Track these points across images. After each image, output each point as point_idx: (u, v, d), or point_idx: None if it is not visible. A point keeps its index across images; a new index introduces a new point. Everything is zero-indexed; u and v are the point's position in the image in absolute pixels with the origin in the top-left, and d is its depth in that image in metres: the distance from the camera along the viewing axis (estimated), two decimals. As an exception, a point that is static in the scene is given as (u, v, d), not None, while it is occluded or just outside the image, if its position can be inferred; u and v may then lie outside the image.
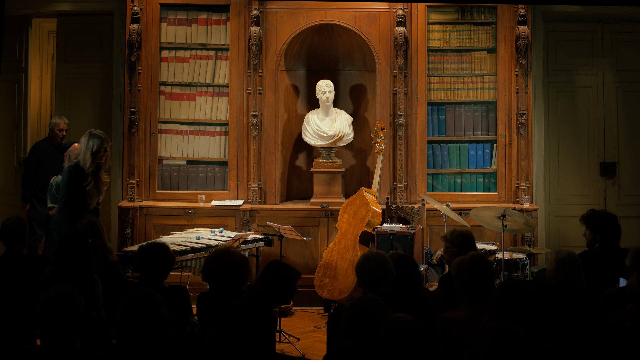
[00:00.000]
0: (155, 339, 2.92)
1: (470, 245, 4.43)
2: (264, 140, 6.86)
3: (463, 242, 4.44)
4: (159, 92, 6.95)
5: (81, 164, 5.39)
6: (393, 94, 6.84)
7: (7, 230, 4.55)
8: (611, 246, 4.95)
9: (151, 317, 2.92)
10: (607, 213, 5.09)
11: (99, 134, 5.46)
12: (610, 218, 5.02)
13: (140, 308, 2.92)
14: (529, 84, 6.82)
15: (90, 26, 7.40)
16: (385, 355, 2.61)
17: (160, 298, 3.00)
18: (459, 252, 4.38)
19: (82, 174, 5.38)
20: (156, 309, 2.95)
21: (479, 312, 3.34)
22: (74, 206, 5.35)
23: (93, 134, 5.44)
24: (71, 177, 5.39)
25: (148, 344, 2.90)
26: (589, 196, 7.22)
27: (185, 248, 5.39)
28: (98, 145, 5.39)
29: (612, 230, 4.96)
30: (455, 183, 6.98)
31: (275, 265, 3.60)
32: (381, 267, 3.54)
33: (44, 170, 6.77)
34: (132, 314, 2.92)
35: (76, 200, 5.37)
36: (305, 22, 6.87)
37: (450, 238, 4.50)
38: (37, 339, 4.31)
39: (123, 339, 2.95)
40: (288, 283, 3.56)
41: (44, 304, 2.93)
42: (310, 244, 6.57)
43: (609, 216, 5.03)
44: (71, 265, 3.95)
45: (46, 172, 6.73)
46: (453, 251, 4.42)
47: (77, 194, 5.38)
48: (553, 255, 3.92)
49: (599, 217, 5.00)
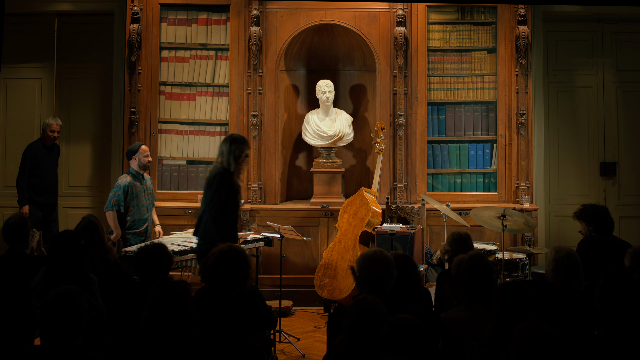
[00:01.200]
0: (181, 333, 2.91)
1: (465, 246, 4.43)
2: (264, 140, 6.86)
3: (457, 242, 4.46)
4: (159, 92, 6.95)
5: (226, 167, 5.01)
6: (393, 94, 6.84)
7: (9, 229, 4.54)
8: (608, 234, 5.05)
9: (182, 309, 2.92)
10: (597, 205, 5.20)
11: (241, 138, 5.17)
12: (600, 208, 5.11)
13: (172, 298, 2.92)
14: (529, 84, 6.83)
15: (90, 26, 7.40)
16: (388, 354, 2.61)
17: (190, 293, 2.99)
18: (454, 252, 4.40)
19: (231, 179, 5.01)
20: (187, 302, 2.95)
21: (478, 312, 3.34)
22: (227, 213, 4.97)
23: (235, 138, 5.13)
24: (223, 182, 4.96)
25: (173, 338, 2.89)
26: (589, 196, 7.21)
27: (185, 248, 5.40)
28: (240, 149, 5.06)
29: (604, 219, 5.03)
30: (455, 183, 6.98)
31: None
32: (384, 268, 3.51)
33: (38, 173, 6.74)
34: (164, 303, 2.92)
35: (230, 207, 4.99)
36: (305, 22, 6.87)
37: (448, 239, 4.54)
38: (35, 339, 4.33)
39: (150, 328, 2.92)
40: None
41: (46, 305, 2.91)
42: (310, 244, 6.58)
43: (600, 207, 5.12)
44: (64, 265, 3.93)
45: (40, 175, 6.74)
46: (447, 250, 4.45)
47: (229, 200, 4.99)
48: (552, 254, 3.91)
49: (590, 208, 5.11)
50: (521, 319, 2.97)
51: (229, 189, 4.97)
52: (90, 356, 2.93)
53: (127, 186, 5.83)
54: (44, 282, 3.93)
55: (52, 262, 3.99)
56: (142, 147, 6.01)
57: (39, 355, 2.91)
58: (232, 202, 5.00)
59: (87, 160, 7.44)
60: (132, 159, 5.96)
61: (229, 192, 4.97)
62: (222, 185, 4.95)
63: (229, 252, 3.65)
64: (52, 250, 4.02)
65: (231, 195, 4.98)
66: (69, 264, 3.93)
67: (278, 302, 5.93)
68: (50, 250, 4.06)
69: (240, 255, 3.64)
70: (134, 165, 5.96)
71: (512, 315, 3.02)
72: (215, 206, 4.94)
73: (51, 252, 4.03)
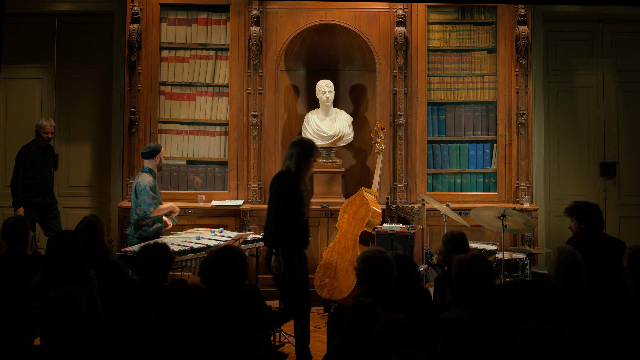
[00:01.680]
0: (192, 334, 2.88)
1: (459, 245, 4.43)
2: (264, 140, 6.86)
3: (450, 242, 4.46)
4: (159, 92, 6.95)
5: (293, 170, 4.93)
6: (393, 94, 6.84)
7: (9, 230, 4.55)
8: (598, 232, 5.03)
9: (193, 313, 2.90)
10: (589, 202, 5.16)
11: (311, 142, 5.10)
12: (593, 206, 5.09)
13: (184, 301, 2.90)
14: (529, 84, 6.83)
15: (90, 26, 7.40)
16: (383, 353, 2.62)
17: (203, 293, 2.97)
18: (448, 252, 4.40)
19: (293, 182, 4.91)
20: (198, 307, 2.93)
21: (478, 313, 3.34)
22: (290, 217, 4.87)
23: (306, 142, 5.06)
24: (283, 185, 4.88)
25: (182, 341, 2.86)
26: (589, 196, 7.20)
27: (185, 248, 5.39)
28: (312, 153, 5.01)
29: (596, 217, 5.02)
30: (455, 183, 6.98)
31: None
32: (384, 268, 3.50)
33: (33, 174, 6.72)
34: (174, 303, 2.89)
35: (293, 211, 4.88)
36: (305, 22, 6.87)
37: (442, 239, 4.53)
38: (35, 338, 4.33)
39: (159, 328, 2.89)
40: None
41: (46, 305, 2.90)
42: (310, 244, 6.57)
43: (593, 206, 5.10)
44: (63, 266, 3.93)
45: (35, 176, 6.72)
46: (442, 250, 4.45)
47: (292, 204, 4.89)
48: (555, 255, 3.91)
49: (582, 206, 5.09)
50: (520, 319, 2.97)
51: (291, 192, 4.85)
52: (90, 356, 2.93)
53: (153, 186, 5.91)
54: (42, 283, 3.93)
55: (51, 263, 3.99)
56: (163, 149, 6.13)
57: (39, 355, 2.91)
58: (296, 206, 4.87)
59: (87, 160, 7.43)
60: (153, 159, 5.98)
61: (290, 196, 4.85)
62: (282, 187, 4.86)
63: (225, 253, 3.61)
64: (51, 251, 4.01)
65: (294, 199, 4.86)
66: (68, 264, 3.92)
67: (278, 302, 5.92)
68: (48, 250, 4.06)
69: (237, 256, 3.59)
70: (152, 165, 5.98)
71: (511, 316, 3.02)
72: (271, 207, 4.86)
73: (50, 252, 4.02)
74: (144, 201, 5.80)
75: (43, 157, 6.81)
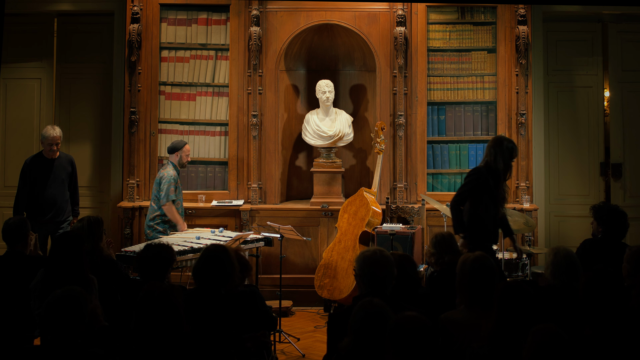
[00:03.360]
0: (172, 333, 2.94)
1: (449, 247, 4.40)
2: (264, 140, 6.86)
3: (440, 244, 4.41)
4: (159, 92, 6.95)
5: (492, 166, 4.92)
6: (393, 94, 6.84)
7: (9, 230, 4.54)
8: (614, 240, 4.91)
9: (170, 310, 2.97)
10: (617, 208, 5.01)
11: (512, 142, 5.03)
12: (619, 213, 4.94)
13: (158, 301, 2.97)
14: (529, 84, 6.83)
15: (90, 26, 7.39)
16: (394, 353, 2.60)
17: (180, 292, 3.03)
18: (439, 254, 4.36)
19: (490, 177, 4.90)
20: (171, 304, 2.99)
21: (478, 313, 3.33)
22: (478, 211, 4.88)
23: (509, 141, 5.00)
24: (477, 177, 4.92)
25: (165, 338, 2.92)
26: (589, 196, 7.21)
27: (185, 248, 5.39)
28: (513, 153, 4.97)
29: (618, 225, 4.90)
30: (456, 183, 6.98)
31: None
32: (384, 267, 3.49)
33: (37, 191, 6.09)
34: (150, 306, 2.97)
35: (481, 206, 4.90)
36: (305, 22, 6.87)
37: (431, 241, 4.49)
38: (35, 338, 4.33)
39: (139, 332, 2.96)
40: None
41: (51, 305, 2.90)
42: (310, 244, 6.58)
43: (618, 211, 4.95)
44: (64, 267, 3.92)
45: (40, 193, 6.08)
46: (433, 252, 4.42)
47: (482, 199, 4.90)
48: (550, 257, 3.89)
49: (607, 210, 4.97)
50: (521, 319, 2.96)
51: (483, 185, 4.88)
52: (90, 353, 2.93)
53: (177, 178, 6.05)
54: (42, 284, 3.92)
55: (52, 264, 3.99)
56: (187, 147, 6.26)
57: (39, 355, 2.91)
58: (486, 201, 4.89)
59: (87, 160, 7.42)
60: (174, 155, 6.18)
61: (481, 188, 4.88)
62: (474, 178, 4.93)
63: (213, 251, 3.68)
64: (54, 252, 4.01)
65: (485, 192, 4.88)
66: (69, 265, 3.93)
67: (278, 302, 5.93)
68: (51, 251, 4.06)
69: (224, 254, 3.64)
70: (175, 160, 6.20)
71: (512, 316, 3.02)
72: (458, 193, 4.97)
73: (52, 253, 4.02)
74: (164, 189, 5.96)
75: (51, 170, 6.13)
